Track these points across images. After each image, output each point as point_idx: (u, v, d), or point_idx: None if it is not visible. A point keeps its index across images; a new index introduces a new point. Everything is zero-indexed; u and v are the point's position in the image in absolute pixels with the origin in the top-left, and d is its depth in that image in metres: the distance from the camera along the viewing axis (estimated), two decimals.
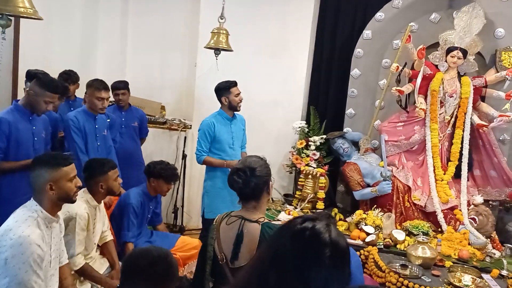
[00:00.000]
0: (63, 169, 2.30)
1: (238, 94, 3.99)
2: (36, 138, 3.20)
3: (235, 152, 4.10)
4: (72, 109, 4.14)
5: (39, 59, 3.65)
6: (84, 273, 2.93)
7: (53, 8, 4.37)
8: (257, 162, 2.15)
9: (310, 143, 4.65)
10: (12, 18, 1.89)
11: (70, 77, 4.26)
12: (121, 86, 4.49)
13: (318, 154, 4.59)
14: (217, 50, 3.91)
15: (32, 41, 4.03)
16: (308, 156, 4.61)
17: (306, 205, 4.51)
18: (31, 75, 3.36)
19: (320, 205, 4.48)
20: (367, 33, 4.65)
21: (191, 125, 5.20)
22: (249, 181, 2.07)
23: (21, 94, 3.29)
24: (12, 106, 3.17)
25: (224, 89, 3.97)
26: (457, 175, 4.31)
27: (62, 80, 4.20)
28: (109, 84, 4.41)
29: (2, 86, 3.55)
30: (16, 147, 3.09)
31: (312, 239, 1.14)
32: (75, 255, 2.88)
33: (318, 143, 4.64)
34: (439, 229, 4.11)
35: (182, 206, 5.24)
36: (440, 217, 4.11)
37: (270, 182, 2.18)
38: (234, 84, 3.98)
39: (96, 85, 3.76)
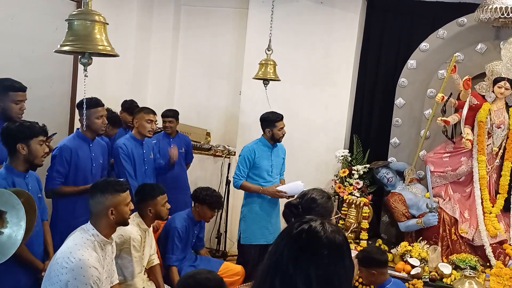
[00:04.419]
0: (122, 195, 2.46)
1: (282, 128, 4.09)
2: (94, 164, 3.39)
3: (273, 180, 4.18)
4: None
5: (95, 89, 3.89)
6: None
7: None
8: (319, 197, 2.06)
9: (353, 171, 4.65)
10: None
11: (131, 106, 4.51)
12: (170, 115, 4.69)
13: (361, 183, 4.57)
14: (266, 81, 4.01)
15: (90, 72, 4.28)
16: (351, 185, 4.60)
17: (350, 234, 4.47)
18: (79, 104, 3.58)
19: (364, 235, 4.43)
20: (411, 62, 4.66)
21: (235, 152, 5.31)
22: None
23: (77, 122, 3.51)
24: (74, 133, 3.40)
25: (269, 122, 4.07)
26: (506, 208, 4.20)
27: (123, 109, 4.45)
28: (159, 110, 4.62)
29: (62, 115, 3.79)
30: (75, 172, 3.28)
31: (308, 241, 1.17)
32: (136, 276, 3.01)
33: (361, 172, 4.63)
34: (488, 264, 3.99)
35: (225, 232, 5.31)
36: (489, 251, 3.99)
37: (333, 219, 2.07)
38: (280, 118, 4.08)
39: (145, 109, 3.99)
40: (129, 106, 4.51)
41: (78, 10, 1.94)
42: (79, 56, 1.88)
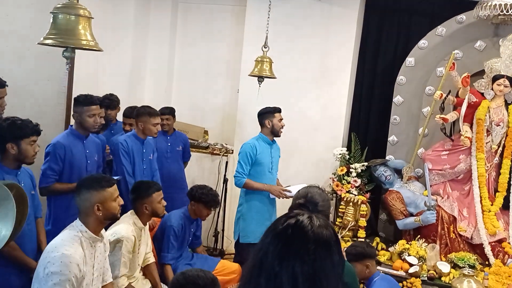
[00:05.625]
0: (108, 190, 2.41)
1: (281, 119, 4.09)
2: (89, 161, 3.37)
3: (273, 177, 4.16)
4: (112, 132, 4.32)
5: (91, 86, 3.87)
6: None
7: (106, 39, 4.60)
8: (319, 196, 2.13)
9: (351, 170, 4.63)
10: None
11: (112, 102, 4.42)
12: (166, 112, 4.65)
13: (359, 181, 4.55)
14: (261, 78, 4.00)
15: (86, 69, 4.26)
16: (349, 183, 4.58)
17: (347, 233, 4.45)
18: (76, 99, 3.56)
19: (362, 233, 4.42)
20: (409, 60, 4.63)
21: (232, 150, 5.29)
22: None
23: (72, 120, 3.51)
24: (68, 130, 3.38)
25: (269, 113, 4.08)
26: (506, 207, 4.18)
27: (104, 106, 4.37)
28: (156, 108, 4.58)
29: (58, 112, 3.78)
30: (69, 169, 3.26)
31: (294, 236, 1.13)
32: (119, 276, 2.98)
33: (359, 170, 4.61)
34: (486, 262, 3.98)
35: (223, 230, 5.29)
36: (488, 249, 3.98)
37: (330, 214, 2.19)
38: (278, 110, 4.11)
39: (149, 111, 3.90)
40: (111, 104, 4.39)
41: (62, 3, 1.90)
42: (62, 50, 1.85)
